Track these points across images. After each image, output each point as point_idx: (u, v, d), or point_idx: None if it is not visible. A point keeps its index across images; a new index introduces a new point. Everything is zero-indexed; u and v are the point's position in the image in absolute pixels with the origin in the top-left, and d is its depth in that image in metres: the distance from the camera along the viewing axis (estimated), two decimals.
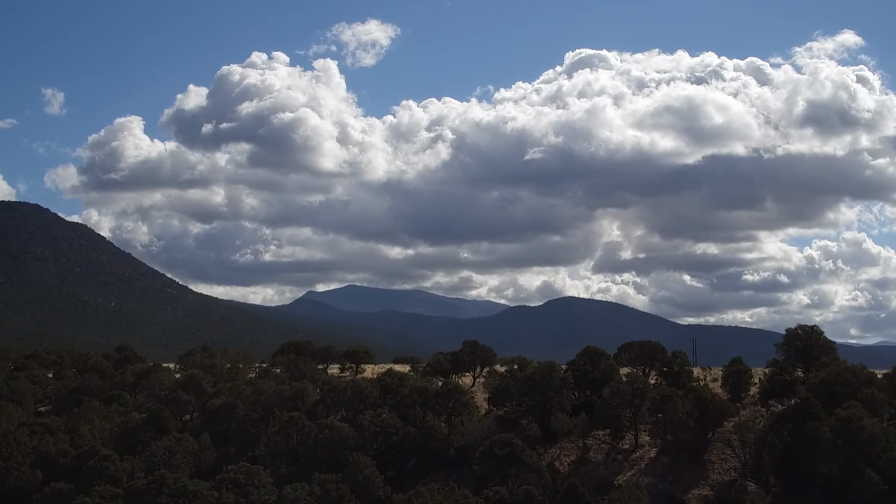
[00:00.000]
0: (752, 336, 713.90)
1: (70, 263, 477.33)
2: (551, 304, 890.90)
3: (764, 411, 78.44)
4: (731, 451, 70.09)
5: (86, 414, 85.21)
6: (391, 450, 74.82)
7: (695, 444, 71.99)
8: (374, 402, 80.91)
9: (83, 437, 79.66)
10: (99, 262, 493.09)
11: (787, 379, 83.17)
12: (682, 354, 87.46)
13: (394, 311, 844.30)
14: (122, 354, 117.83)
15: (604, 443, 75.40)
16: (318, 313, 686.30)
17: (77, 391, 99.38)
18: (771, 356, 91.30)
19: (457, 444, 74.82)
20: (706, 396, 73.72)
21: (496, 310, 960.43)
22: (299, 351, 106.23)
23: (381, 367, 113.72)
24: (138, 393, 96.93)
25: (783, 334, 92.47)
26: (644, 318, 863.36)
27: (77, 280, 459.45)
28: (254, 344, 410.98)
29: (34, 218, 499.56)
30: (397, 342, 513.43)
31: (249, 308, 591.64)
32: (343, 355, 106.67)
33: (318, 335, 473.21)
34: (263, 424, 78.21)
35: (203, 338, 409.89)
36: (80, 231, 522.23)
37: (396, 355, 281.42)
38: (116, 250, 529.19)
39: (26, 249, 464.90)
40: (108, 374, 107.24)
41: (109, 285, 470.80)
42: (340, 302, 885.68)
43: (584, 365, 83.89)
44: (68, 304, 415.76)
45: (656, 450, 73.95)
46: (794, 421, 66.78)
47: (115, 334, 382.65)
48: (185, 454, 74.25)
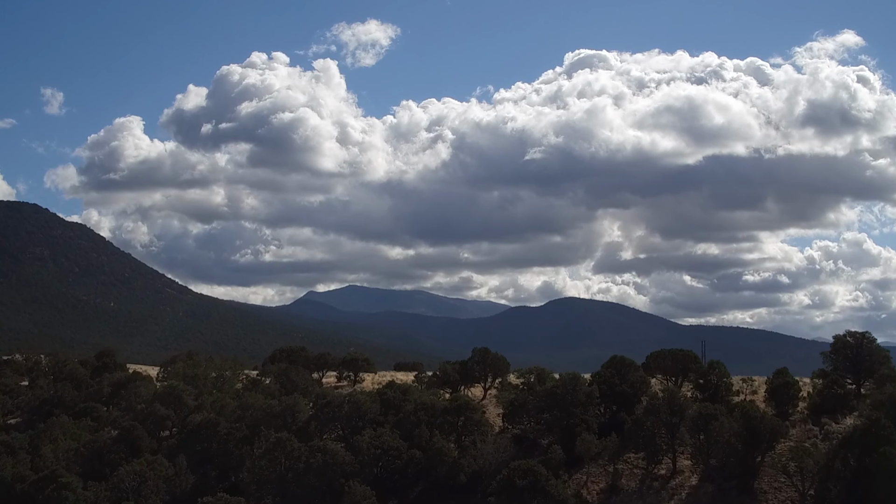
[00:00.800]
0: (753, 336, 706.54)
1: (69, 263, 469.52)
2: (552, 305, 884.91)
3: (817, 431, 69.01)
4: (786, 478, 60.57)
5: (50, 431, 75.91)
6: (393, 475, 65.28)
7: (743, 470, 62.42)
8: (373, 419, 71.46)
9: (45, 459, 70.44)
10: (98, 263, 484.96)
11: (839, 393, 73.76)
12: (720, 365, 77.78)
13: (394, 312, 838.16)
14: (102, 361, 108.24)
15: (637, 468, 65.78)
16: (319, 313, 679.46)
17: (48, 402, 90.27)
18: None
19: (468, 469, 65.29)
20: (755, 414, 64.12)
21: (497, 310, 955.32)
22: (292, 358, 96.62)
23: (381, 374, 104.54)
24: (115, 405, 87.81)
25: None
26: (645, 318, 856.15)
27: (76, 280, 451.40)
28: (254, 344, 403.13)
29: (33, 218, 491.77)
30: (398, 342, 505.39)
31: (250, 308, 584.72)
32: (340, 363, 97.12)
33: (318, 335, 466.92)
34: (248, 445, 68.86)
35: (203, 338, 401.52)
36: (80, 231, 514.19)
37: (397, 355, 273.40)
38: (116, 250, 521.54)
39: (25, 249, 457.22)
40: (84, 383, 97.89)
41: (108, 285, 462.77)
42: (341, 302, 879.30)
43: (610, 377, 74.29)
44: (67, 304, 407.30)
45: (698, 476, 64.36)
46: (863, 445, 57.26)
47: (114, 335, 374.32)
48: (157, 480, 64.97)
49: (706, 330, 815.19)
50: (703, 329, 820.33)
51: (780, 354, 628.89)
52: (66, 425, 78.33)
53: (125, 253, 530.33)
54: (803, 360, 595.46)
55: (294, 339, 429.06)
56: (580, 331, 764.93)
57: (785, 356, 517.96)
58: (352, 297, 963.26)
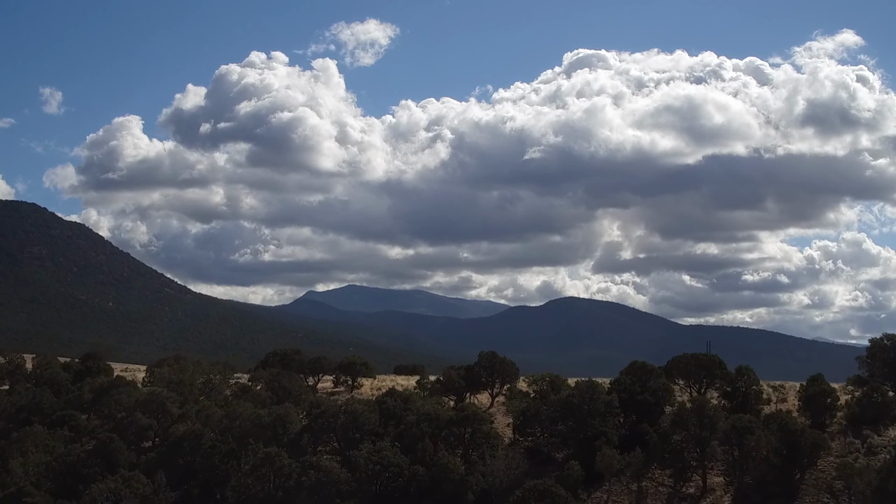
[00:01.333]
0: (753, 336, 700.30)
1: (67, 263, 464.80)
2: (552, 305, 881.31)
3: (858, 444, 62.84)
4: (831, 498, 54.41)
5: (21, 443, 69.79)
6: (393, 493, 59.00)
7: (782, 488, 56.23)
8: (372, 430, 65.28)
9: (13, 474, 64.34)
10: (97, 262, 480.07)
11: (879, 401, 67.57)
12: (748, 371, 71.54)
13: (394, 312, 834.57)
14: (85, 365, 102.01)
15: (664, 486, 59.61)
16: (319, 313, 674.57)
17: (26, 409, 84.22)
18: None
19: (477, 487, 59.03)
20: (794, 427, 57.94)
21: (496, 310, 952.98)
22: (286, 362, 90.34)
23: (381, 378, 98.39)
24: (96, 413, 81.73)
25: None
26: (645, 318, 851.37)
27: (74, 280, 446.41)
28: (253, 344, 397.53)
29: (31, 217, 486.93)
30: (398, 342, 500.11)
31: (249, 308, 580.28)
32: (337, 367, 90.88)
33: (318, 335, 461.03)
34: (235, 460, 62.77)
35: (202, 338, 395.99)
36: (78, 230, 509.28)
37: (397, 355, 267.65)
38: (115, 250, 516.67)
39: (23, 249, 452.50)
40: (65, 388, 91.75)
41: (107, 285, 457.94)
42: (341, 302, 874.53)
43: (631, 385, 68.07)
44: (65, 303, 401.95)
45: (731, 496, 58.14)
46: None
47: (113, 335, 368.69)
48: (133, 498, 58.87)
49: (707, 330, 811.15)
50: (704, 329, 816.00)
51: (780, 354, 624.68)
52: (40, 436, 72.20)
53: (124, 252, 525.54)
54: (804, 360, 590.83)
55: (293, 339, 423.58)
56: (580, 331, 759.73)
57: (786, 356, 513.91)
58: (351, 296, 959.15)
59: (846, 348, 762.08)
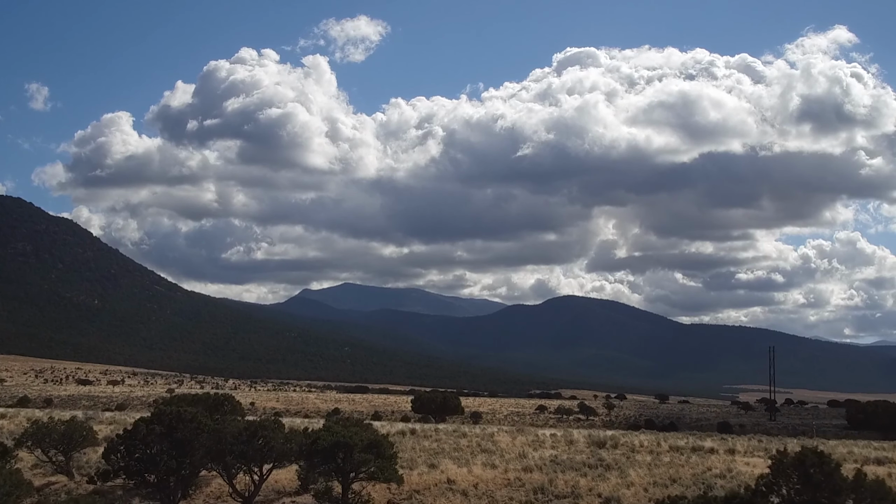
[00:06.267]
0: (750, 334, 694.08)
1: (52, 259, 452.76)
2: (550, 303, 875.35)
3: None
4: None
5: None
6: None
7: None
8: None
9: None
10: (83, 259, 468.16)
11: None
12: None
13: (390, 310, 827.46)
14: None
15: None
16: (314, 312, 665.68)
17: None
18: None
19: None
20: None
21: (491, 308, 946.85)
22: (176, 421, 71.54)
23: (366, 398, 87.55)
24: None
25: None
26: (643, 316, 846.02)
27: (59, 276, 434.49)
28: (244, 344, 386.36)
29: (15, 211, 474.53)
30: (396, 341, 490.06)
31: (243, 306, 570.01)
32: None
33: (314, 334, 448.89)
34: None
35: (192, 338, 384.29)
36: (65, 226, 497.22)
37: (394, 354, 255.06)
38: (103, 246, 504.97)
39: (6, 244, 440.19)
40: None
41: (94, 282, 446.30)
42: (336, 300, 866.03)
43: None
44: (48, 301, 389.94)
45: None
46: None
47: (97, 334, 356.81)
48: None
49: (704, 328, 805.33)
50: (702, 327, 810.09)
51: (779, 353, 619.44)
52: None
53: (113, 249, 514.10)
54: (805, 359, 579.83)
55: (287, 339, 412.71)
56: (578, 329, 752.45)
57: (787, 355, 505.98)
58: (346, 294, 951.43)
59: (843, 347, 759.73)
